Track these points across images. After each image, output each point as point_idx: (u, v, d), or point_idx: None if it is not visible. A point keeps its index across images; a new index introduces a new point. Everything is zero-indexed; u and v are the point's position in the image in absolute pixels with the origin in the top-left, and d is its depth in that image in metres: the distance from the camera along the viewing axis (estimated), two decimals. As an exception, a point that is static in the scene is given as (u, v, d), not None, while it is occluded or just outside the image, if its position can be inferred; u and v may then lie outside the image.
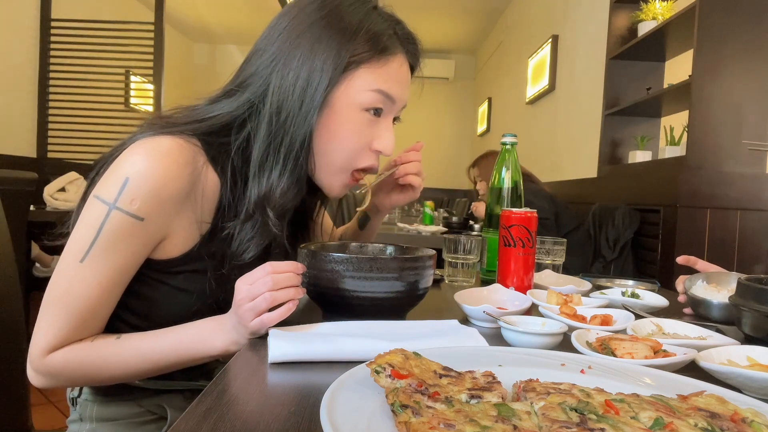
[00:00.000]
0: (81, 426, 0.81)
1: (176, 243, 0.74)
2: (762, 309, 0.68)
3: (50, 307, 0.69)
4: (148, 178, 0.68)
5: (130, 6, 5.53)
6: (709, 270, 0.96)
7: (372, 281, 0.72)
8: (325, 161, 0.79)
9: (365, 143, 0.80)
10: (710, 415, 0.38)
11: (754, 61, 2.21)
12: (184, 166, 0.71)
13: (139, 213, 0.68)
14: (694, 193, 2.20)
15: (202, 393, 0.48)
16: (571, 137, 3.82)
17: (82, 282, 0.68)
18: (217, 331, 0.70)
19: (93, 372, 0.71)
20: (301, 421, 0.43)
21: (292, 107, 0.75)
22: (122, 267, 0.70)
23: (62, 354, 0.69)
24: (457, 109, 7.95)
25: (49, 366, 0.69)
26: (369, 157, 0.82)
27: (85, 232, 0.68)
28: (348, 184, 0.84)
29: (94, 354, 0.70)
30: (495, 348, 0.58)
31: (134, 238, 0.69)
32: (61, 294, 0.68)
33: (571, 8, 3.98)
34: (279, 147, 0.76)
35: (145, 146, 0.70)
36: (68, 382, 0.72)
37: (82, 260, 0.68)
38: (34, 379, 0.71)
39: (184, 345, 0.70)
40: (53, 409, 2.04)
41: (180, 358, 0.71)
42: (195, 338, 0.70)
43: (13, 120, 3.89)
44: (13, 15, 3.85)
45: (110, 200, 0.67)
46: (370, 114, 0.79)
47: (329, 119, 0.77)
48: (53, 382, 0.71)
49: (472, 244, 1.11)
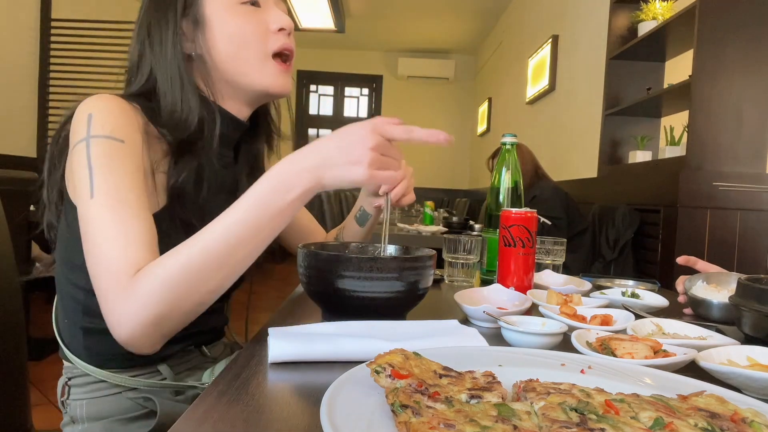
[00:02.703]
0: (74, 428, 0.81)
1: (153, 192, 0.75)
2: (762, 309, 0.68)
3: (97, 248, 0.65)
4: (109, 108, 0.72)
5: (130, 6, 5.51)
6: (709, 270, 0.96)
7: (372, 281, 0.72)
8: (239, 63, 0.82)
9: (262, 28, 0.83)
10: (710, 415, 0.38)
11: (754, 61, 2.21)
12: (132, 111, 0.75)
13: (114, 134, 0.70)
14: (694, 193, 2.20)
15: (202, 393, 0.48)
16: (571, 137, 3.82)
17: (108, 209, 0.66)
18: (293, 175, 0.66)
19: (185, 278, 0.63)
20: (301, 421, 0.43)
21: (158, 46, 0.80)
22: (135, 187, 0.69)
23: (148, 267, 0.63)
24: (457, 109, 7.95)
25: (141, 283, 0.62)
26: (276, 39, 0.84)
27: (81, 175, 0.68)
28: (281, 71, 0.85)
29: (181, 256, 0.63)
30: (495, 348, 0.58)
31: (125, 158, 0.70)
32: (97, 232, 0.65)
33: (571, 8, 3.98)
34: (163, 81, 0.80)
35: (95, 95, 0.73)
36: (162, 301, 0.62)
37: (92, 196, 0.66)
38: (123, 319, 0.62)
39: (257, 204, 0.65)
40: (53, 409, 2.04)
41: (258, 221, 0.65)
42: (269, 193, 0.65)
43: (13, 120, 3.88)
44: (13, 15, 3.85)
45: (84, 136, 0.69)
46: (248, 6, 0.83)
47: (217, 29, 0.81)
48: (148, 311, 0.62)
49: (472, 244, 1.11)
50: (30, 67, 4.00)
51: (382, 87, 7.96)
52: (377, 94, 7.99)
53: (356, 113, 8.06)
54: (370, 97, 8.05)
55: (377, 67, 7.96)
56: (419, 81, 7.87)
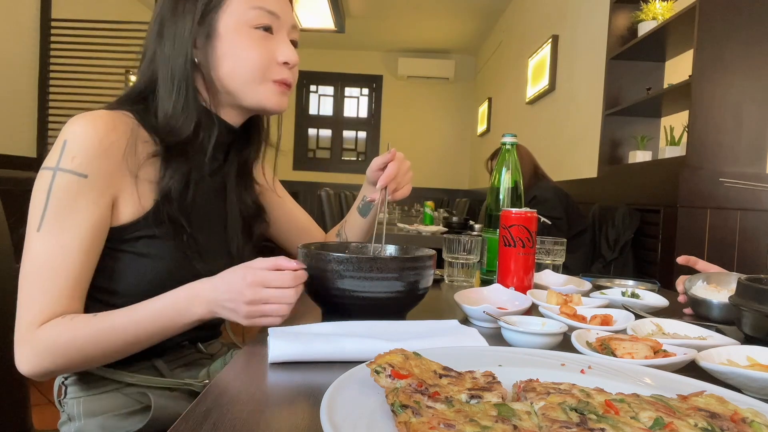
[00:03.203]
0: (71, 426, 0.81)
1: (128, 206, 0.77)
2: (762, 309, 0.68)
3: (24, 282, 0.70)
4: (84, 135, 0.72)
5: (130, 6, 5.52)
6: (709, 270, 0.96)
7: (372, 281, 0.72)
8: (240, 82, 0.84)
9: (268, 57, 0.85)
10: (710, 415, 0.38)
11: (754, 61, 2.21)
12: (118, 123, 0.76)
13: (80, 169, 0.71)
14: (694, 193, 2.20)
15: (202, 393, 0.48)
16: (571, 137, 3.81)
17: (45, 250, 0.70)
18: (194, 301, 0.71)
19: (75, 351, 0.70)
20: (301, 421, 0.43)
21: (171, 49, 0.82)
22: (82, 229, 0.72)
23: (49, 327, 0.69)
24: (457, 109, 7.95)
25: (39, 340, 0.69)
26: (279, 71, 0.87)
27: (36, 202, 0.71)
28: (277, 92, 0.87)
29: (77, 332, 0.69)
30: (495, 348, 0.58)
31: (83, 197, 0.72)
32: (28, 267, 0.70)
33: (571, 8, 3.98)
34: (167, 83, 0.82)
35: (80, 115, 0.75)
36: (53, 362, 0.70)
37: (39, 229, 0.70)
38: (22, 360, 0.70)
39: (161, 315, 0.71)
40: (53, 409, 2.04)
41: (159, 329, 0.72)
42: (172, 310, 0.72)
43: (13, 120, 3.88)
44: (13, 15, 3.85)
45: (53, 165, 0.71)
46: (261, 31, 0.84)
47: (226, 46, 0.83)
48: (39, 361, 0.69)
49: (472, 244, 1.11)
50: (30, 67, 4.00)
51: (382, 87, 7.95)
52: (377, 94, 7.99)
53: (356, 113, 8.05)
54: (370, 97, 8.04)
55: (377, 67, 7.96)
56: (419, 81, 7.86)
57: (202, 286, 0.72)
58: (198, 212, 0.84)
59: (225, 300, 0.70)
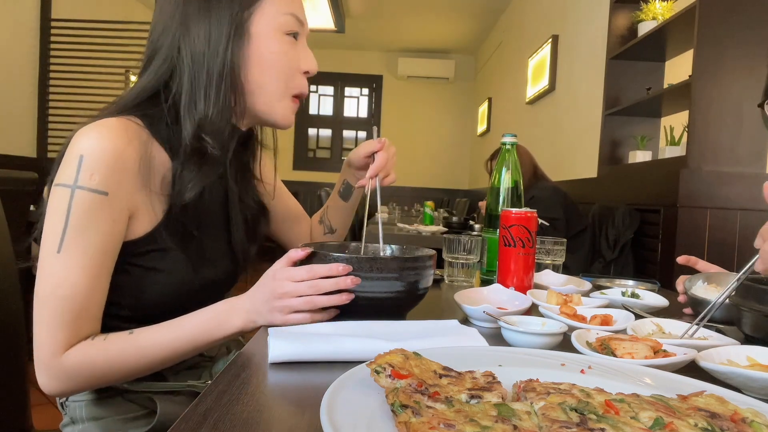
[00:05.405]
0: (73, 428, 0.81)
1: (142, 221, 0.75)
2: (762, 309, 0.68)
3: (44, 307, 0.68)
4: (101, 150, 0.69)
5: (130, 6, 5.52)
6: (709, 270, 0.96)
7: (372, 281, 0.72)
8: (264, 91, 0.83)
9: (294, 66, 0.85)
10: (710, 415, 0.38)
11: (754, 61, 2.21)
12: (133, 136, 0.73)
13: (100, 187, 0.69)
14: (694, 193, 2.20)
15: (201, 393, 0.48)
16: (571, 137, 3.81)
17: (66, 273, 0.68)
18: (233, 312, 0.71)
19: (110, 370, 0.70)
20: (301, 421, 0.43)
21: (205, 47, 0.78)
22: (101, 249, 0.70)
23: (77, 352, 0.68)
24: (457, 109, 7.95)
25: (66, 366, 0.68)
26: (301, 82, 0.87)
27: (54, 222, 0.68)
28: (292, 109, 0.88)
29: (112, 351, 0.69)
30: (495, 348, 0.58)
31: (103, 215, 0.70)
32: (49, 291, 0.68)
33: (571, 8, 3.98)
34: (201, 84, 0.78)
35: (91, 127, 0.71)
36: (85, 383, 0.71)
37: (59, 251, 0.67)
38: (49, 385, 0.69)
39: (202, 330, 0.71)
40: (53, 409, 2.04)
41: (199, 343, 0.72)
42: (212, 322, 0.71)
43: (13, 120, 3.88)
44: (13, 15, 3.85)
45: (70, 182, 0.68)
46: (290, 37, 0.84)
47: (257, 49, 0.81)
48: (70, 385, 0.69)
49: (472, 244, 1.11)
50: (30, 67, 4.00)
51: (382, 87, 7.95)
52: (377, 94, 7.98)
53: (356, 113, 8.05)
54: (370, 97, 8.04)
55: (377, 67, 7.96)
56: (419, 81, 7.86)
57: (238, 298, 0.73)
58: (204, 219, 0.83)
59: (260, 302, 0.71)
